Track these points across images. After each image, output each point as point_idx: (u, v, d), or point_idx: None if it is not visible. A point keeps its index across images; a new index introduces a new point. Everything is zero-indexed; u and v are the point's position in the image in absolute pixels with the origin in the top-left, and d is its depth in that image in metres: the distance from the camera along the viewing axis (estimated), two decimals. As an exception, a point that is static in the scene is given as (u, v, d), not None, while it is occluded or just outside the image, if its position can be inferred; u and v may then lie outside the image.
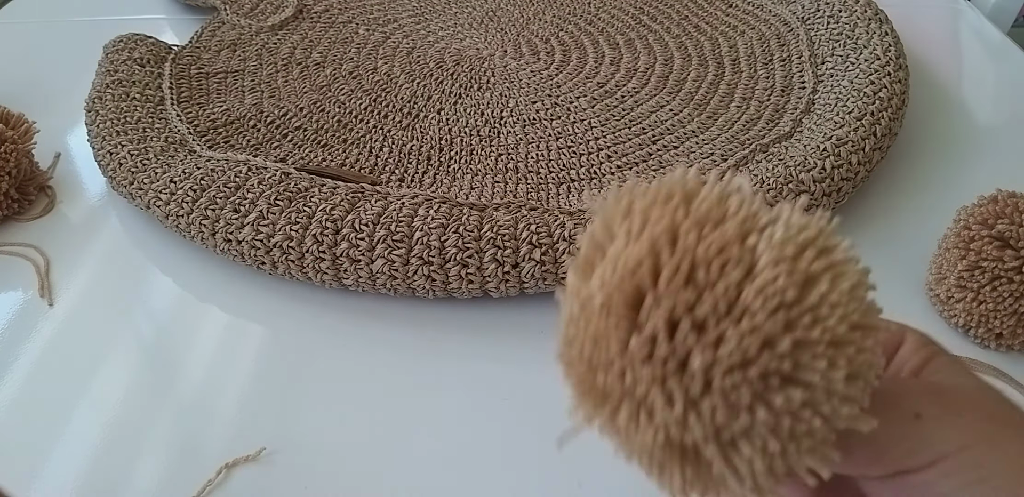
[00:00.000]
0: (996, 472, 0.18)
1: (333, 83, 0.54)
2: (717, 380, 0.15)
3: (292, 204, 0.38)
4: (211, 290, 0.40)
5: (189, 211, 0.39)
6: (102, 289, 0.40)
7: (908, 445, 0.18)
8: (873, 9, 0.52)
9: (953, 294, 0.35)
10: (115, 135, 0.45)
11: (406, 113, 0.51)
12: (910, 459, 0.18)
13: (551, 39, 0.59)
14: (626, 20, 0.61)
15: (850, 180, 0.40)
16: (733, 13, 0.60)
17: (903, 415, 0.19)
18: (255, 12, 0.63)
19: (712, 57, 0.55)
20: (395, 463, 0.31)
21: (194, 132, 0.47)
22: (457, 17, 0.63)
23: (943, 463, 0.18)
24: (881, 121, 0.43)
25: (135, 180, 0.42)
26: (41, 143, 0.46)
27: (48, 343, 0.37)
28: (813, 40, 0.53)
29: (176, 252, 0.42)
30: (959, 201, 0.36)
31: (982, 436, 0.18)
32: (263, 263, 0.38)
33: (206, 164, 0.42)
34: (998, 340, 0.35)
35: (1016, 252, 0.32)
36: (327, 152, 0.47)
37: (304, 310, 0.39)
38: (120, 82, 0.50)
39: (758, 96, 0.50)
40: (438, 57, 0.57)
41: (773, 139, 0.44)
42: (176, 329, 0.38)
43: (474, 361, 0.36)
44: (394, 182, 0.45)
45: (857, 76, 0.46)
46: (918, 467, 0.18)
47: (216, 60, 0.56)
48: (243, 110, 0.50)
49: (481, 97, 0.52)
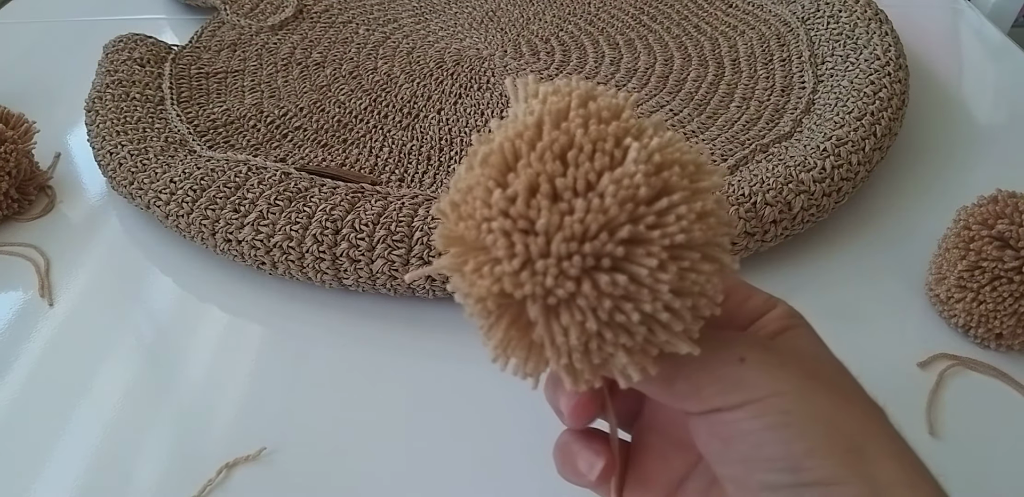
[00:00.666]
0: (800, 419, 0.19)
1: (333, 83, 0.54)
2: (555, 244, 0.16)
3: (292, 204, 0.38)
4: (211, 290, 0.40)
5: (189, 211, 0.39)
6: (102, 289, 0.40)
7: (725, 385, 0.19)
8: (873, 9, 0.52)
9: (953, 294, 0.35)
10: (115, 135, 0.45)
11: (406, 113, 0.51)
12: (724, 397, 0.19)
13: (551, 39, 0.59)
14: (626, 20, 0.61)
15: (850, 180, 0.40)
16: (733, 13, 0.60)
17: (728, 356, 0.20)
18: (255, 12, 0.63)
19: (712, 57, 0.55)
20: (395, 463, 0.31)
21: (194, 132, 0.47)
22: (457, 17, 0.63)
23: (753, 405, 0.19)
24: (881, 121, 0.43)
25: (135, 180, 0.42)
26: (41, 143, 0.46)
27: (48, 343, 0.37)
28: (813, 40, 0.53)
29: (176, 252, 0.42)
30: (959, 201, 0.36)
31: (795, 387, 0.19)
32: (263, 263, 0.38)
33: (206, 164, 0.42)
34: (998, 340, 0.35)
35: (1016, 252, 0.32)
36: (327, 152, 0.47)
37: (304, 310, 0.39)
38: (120, 82, 0.50)
39: (758, 96, 0.50)
40: (438, 57, 0.57)
41: (773, 139, 0.44)
42: (176, 329, 0.38)
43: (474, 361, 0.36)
44: (394, 182, 0.45)
45: (857, 76, 0.46)
46: (730, 406, 0.19)
47: (216, 60, 0.56)
48: (243, 110, 0.50)
49: (481, 97, 0.52)
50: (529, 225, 0.17)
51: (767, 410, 0.19)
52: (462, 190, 0.18)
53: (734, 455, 0.20)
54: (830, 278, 0.40)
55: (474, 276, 0.17)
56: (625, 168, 0.17)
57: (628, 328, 0.17)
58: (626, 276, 0.16)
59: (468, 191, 0.18)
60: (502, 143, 0.18)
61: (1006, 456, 0.31)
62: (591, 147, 0.17)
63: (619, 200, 0.16)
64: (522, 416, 0.33)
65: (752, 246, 0.38)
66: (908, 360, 0.35)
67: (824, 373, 0.21)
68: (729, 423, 0.19)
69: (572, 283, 0.17)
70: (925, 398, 0.33)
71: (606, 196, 0.17)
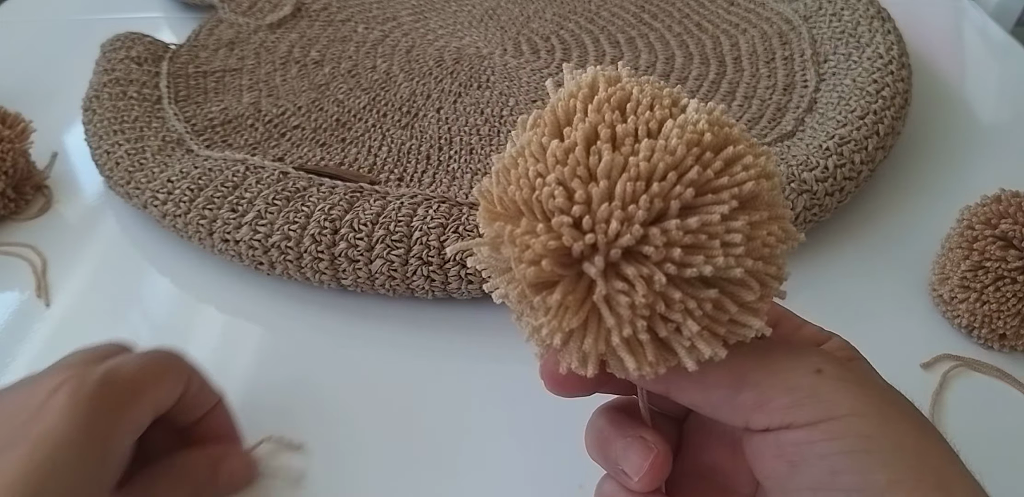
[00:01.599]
0: (883, 446, 0.17)
1: (332, 82, 0.54)
2: (620, 185, 0.15)
3: (290, 204, 0.38)
4: (209, 290, 0.40)
5: (186, 211, 0.39)
6: (99, 289, 0.40)
7: (800, 396, 0.17)
8: (875, 7, 0.52)
9: (956, 294, 0.35)
10: (112, 134, 0.45)
11: (405, 112, 0.51)
12: (798, 411, 0.17)
13: (551, 37, 0.59)
14: (627, 18, 0.60)
15: (853, 179, 0.40)
16: (735, 11, 0.60)
17: (803, 366, 0.18)
18: (253, 10, 0.62)
19: (714, 55, 0.55)
20: (394, 463, 0.31)
21: (191, 131, 0.47)
22: (456, 15, 0.63)
23: (830, 424, 0.17)
24: (884, 120, 0.42)
25: (132, 179, 0.42)
26: (38, 142, 0.46)
27: (45, 343, 0.37)
28: (815, 38, 0.53)
29: (174, 252, 0.42)
30: (962, 201, 0.36)
31: (876, 409, 0.17)
32: (261, 263, 0.38)
33: (203, 163, 0.41)
34: (1001, 341, 0.35)
35: (1020, 252, 0.32)
36: (325, 151, 0.47)
37: (302, 310, 0.38)
38: (117, 81, 0.49)
39: (760, 95, 0.50)
40: (437, 55, 0.57)
41: (775, 138, 0.44)
42: (173, 329, 0.38)
43: (473, 361, 0.36)
44: (393, 181, 0.45)
45: (860, 74, 0.46)
46: (803, 423, 0.17)
47: (214, 59, 0.56)
48: (241, 109, 0.50)
49: (481, 96, 0.52)
50: (588, 173, 0.15)
51: (846, 432, 0.17)
52: (511, 155, 0.17)
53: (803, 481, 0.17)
54: (832, 278, 0.39)
55: (527, 237, 0.16)
56: (688, 116, 0.16)
57: (696, 293, 0.16)
58: (697, 219, 0.15)
59: (518, 155, 0.17)
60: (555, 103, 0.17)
61: (1010, 457, 0.31)
62: (649, 100, 0.16)
63: (686, 142, 0.15)
64: (522, 416, 0.33)
65: (754, 246, 0.38)
66: (911, 361, 0.35)
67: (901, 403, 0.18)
68: (800, 444, 0.17)
69: (639, 228, 0.15)
70: (929, 399, 0.33)
71: (671, 138, 0.15)
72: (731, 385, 0.18)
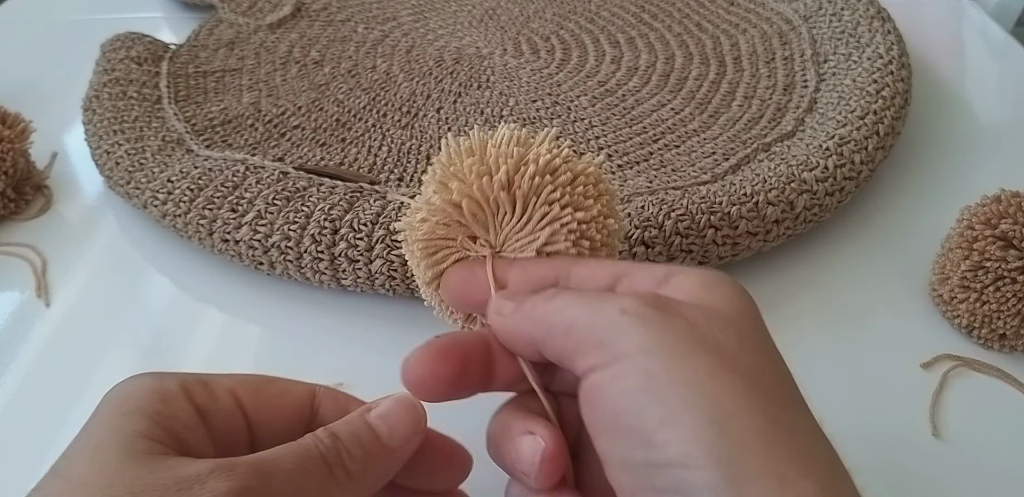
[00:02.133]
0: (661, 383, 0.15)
1: (331, 82, 0.54)
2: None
3: (290, 204, 0.38)
4: (209, 290, 0.40)
5: (186, 211, 0.39)
6: (99, 289, 0.40)
7: (601, 334, 0.17)
8: (875, 7, 0.52)
9: (956, 295, 0.35)
10: (112, 134, 0.45)
11: (405, 112, 0.51)
12: (596, 353, 0.17)
13: (551, 37, 0.59)
14: (627, 18, 0.60)
15: (853, 179, 0.40)
16: (735, 11, 0.60)
17: (609, 305, 0.17)
18: (253, 10, 0.62)
19: (714, 55, 0.55)
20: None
21: (191, 131, 0.47)
22: (456, 15, 0.63)
23: (620, 363, 0.16)
24: (884, 120, 0.42)
25: (132, 179, 0.42)
26: (38, 142, 0.46)
27: (45, 344, 0.37)
28: (815, 38, 0.53)
29: (173, 252, 0.42)
30: (962, 201, 0.36)
31: (668, 346, 0.16)
32: (261, 263, 0.38)
33: (203, 163, 0.41)
34: (1001, 341, 0.35)
35: (1020, 252, 0.32)
36: (325, 151, 0.47)
37: (302, 310, 0.38)
38: (117, 81, 0.49)
39: (760, 95, 0.50)
40: (437, 55, 0.57)
41: (775, 138, 0.44)
42: (174, 329, 0.38)
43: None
44: (393, 181, 0.45)
45: (860, 75, 0.46)
46: (600, 364, 0.16)
47: (213, 59, 0.56)
48: (241, 109, 0.50)
49: (481, 96, 0.52)
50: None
51: (632, 370, 0.16)
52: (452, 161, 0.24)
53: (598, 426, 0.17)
54: (832, 278, 0.39)
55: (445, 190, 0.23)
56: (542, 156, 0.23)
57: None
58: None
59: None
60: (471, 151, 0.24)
61: (1010, 457, 0.31)
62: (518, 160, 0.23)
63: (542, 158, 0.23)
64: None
65: (754, 246, 0.38)
66: (911, 361, 0.35)
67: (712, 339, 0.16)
68: (595, 386, 0.16)
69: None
70: (928, 399, 0.33)
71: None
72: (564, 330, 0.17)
